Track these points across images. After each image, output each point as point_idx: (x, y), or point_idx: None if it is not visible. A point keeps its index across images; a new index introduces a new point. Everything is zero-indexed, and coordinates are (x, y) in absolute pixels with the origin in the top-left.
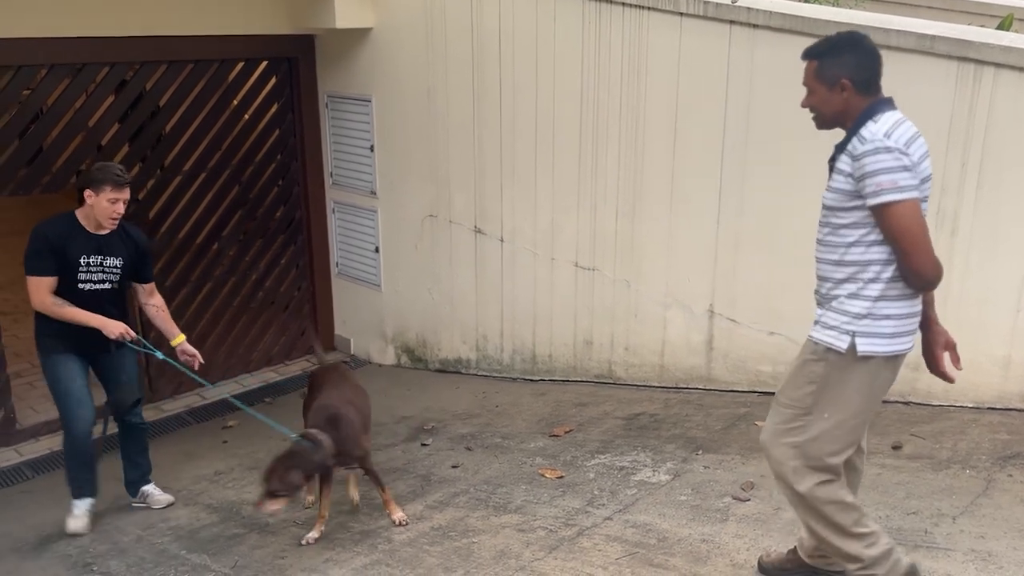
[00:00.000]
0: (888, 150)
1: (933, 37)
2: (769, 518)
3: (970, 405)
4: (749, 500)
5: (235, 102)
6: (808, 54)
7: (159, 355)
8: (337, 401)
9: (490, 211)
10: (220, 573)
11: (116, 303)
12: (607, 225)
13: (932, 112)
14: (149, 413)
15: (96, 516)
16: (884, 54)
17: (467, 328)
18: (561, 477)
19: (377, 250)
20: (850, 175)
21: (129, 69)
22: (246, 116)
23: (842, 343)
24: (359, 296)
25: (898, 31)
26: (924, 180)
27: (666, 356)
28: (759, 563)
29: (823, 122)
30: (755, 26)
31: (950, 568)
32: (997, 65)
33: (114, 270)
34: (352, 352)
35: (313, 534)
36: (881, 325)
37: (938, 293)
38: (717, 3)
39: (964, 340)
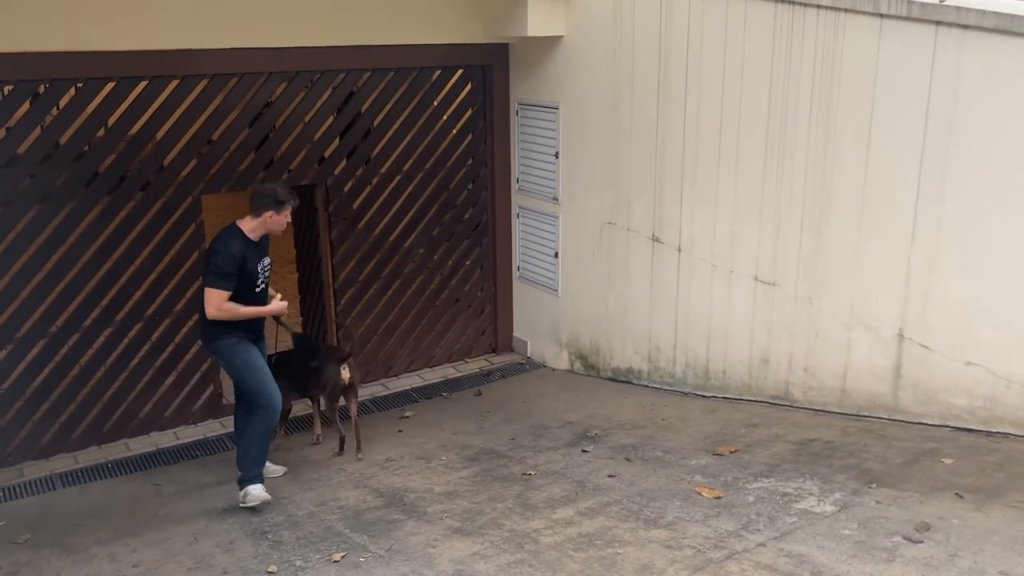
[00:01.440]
0: None
1: None
2: (942, 564)
3: None
4: (922, 543)
5: (432, 108)
6: None
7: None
8: None
9: (668, 220)
10: (376, 554)
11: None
12: (790, 238)
13: None
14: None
15: (276, 488)
16: None
17: (640, 338)
18: (719, 497)
19: (556, 255)
20: None
21: (336, 76)
22: (441, 121)
23: None
24: (537, 300)
25: None
26: None
27: (848, 380)
28: None
29: None
30: (965, 27)
31: None
32: None
33: (268, 268)
34: (528, 355)
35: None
36: None
37: None
38: (923, 3)
39: None
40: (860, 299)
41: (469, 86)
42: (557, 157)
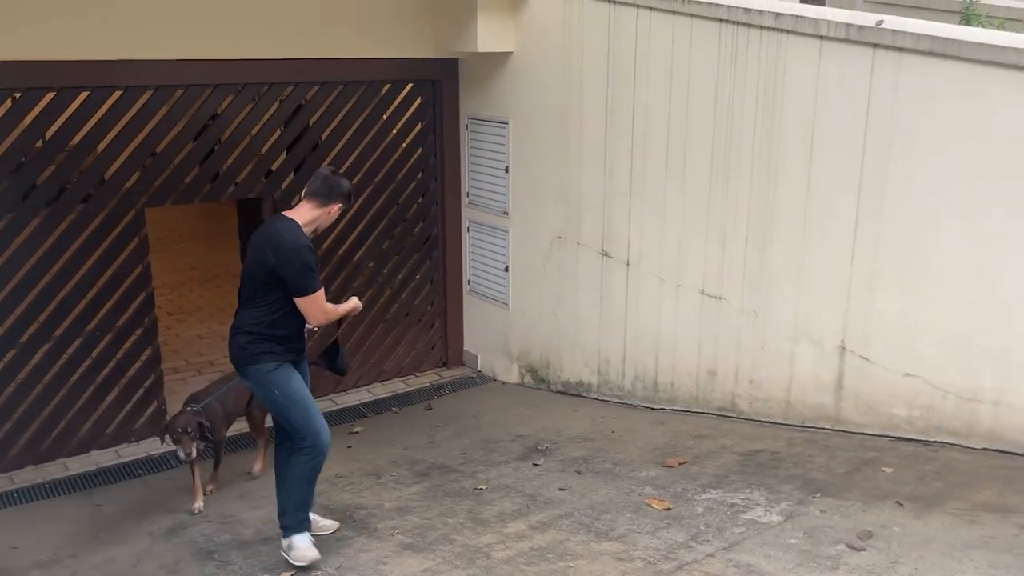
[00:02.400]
0: None
1: None
2: (884, 571)
3: None
4: (864, 550)
5: (381, 122)
6: None
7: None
8: None
9: (617, 235)
10: (326, 572)
11: None
12: (736, 253)
13: None
14: None
15: (222, 505)
16: None
17: (590, 351)
18: (668, 509)
19: (507, 269)
20: None
21: (284, 89)
22: (391, 135)
23: None
24: (488, 313)
25: None
26: None
27: (792, 392)
28: None
29: None
30: (901, 49)
31: None
32: None
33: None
34: (479, 368)
35: None
36: None
37: None
38: (860, 26)
39: None
40: (804, 313)
41: (419, 100)
42: (507, 172)
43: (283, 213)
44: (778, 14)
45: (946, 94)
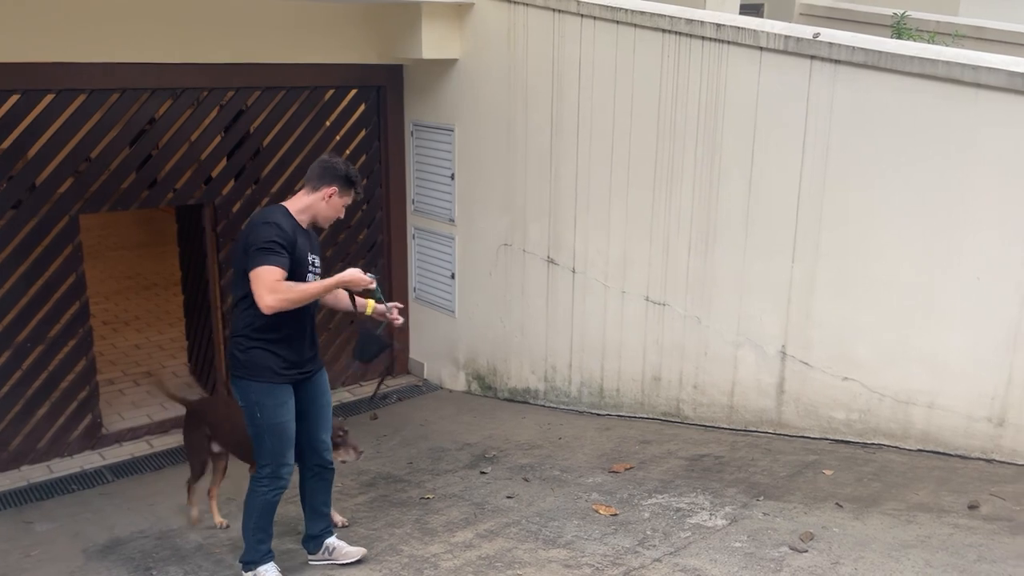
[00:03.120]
0: None
1: None
2: (826, 572)
3: None
4: (806, 552)
5: (324, 128)
6: None
7: (385, 309)
8: None
9: (563, 242)
10: None
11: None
12: (679, 259)
13: None
14: None
15: (161, 520)
16: (973, 92)
17: (536, 358)
18: (615, 515)
19: (453, 276)
20: None
21: (225, 94)
22: (334, 141)
23: None
24: (434, 321)
25: (988, 68)
26: None
27: (736, 397)
28: None
29: None
30: (837, 61)
31: None
32: None
33: (318, 270)
34: (425, 376)
35: None
36: None
37: None
38: (798, 38)
39: None
40: (746, 318)
41: (363, 106)
42: (453, 179)
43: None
44: (719, 25)
45: (880, 105)
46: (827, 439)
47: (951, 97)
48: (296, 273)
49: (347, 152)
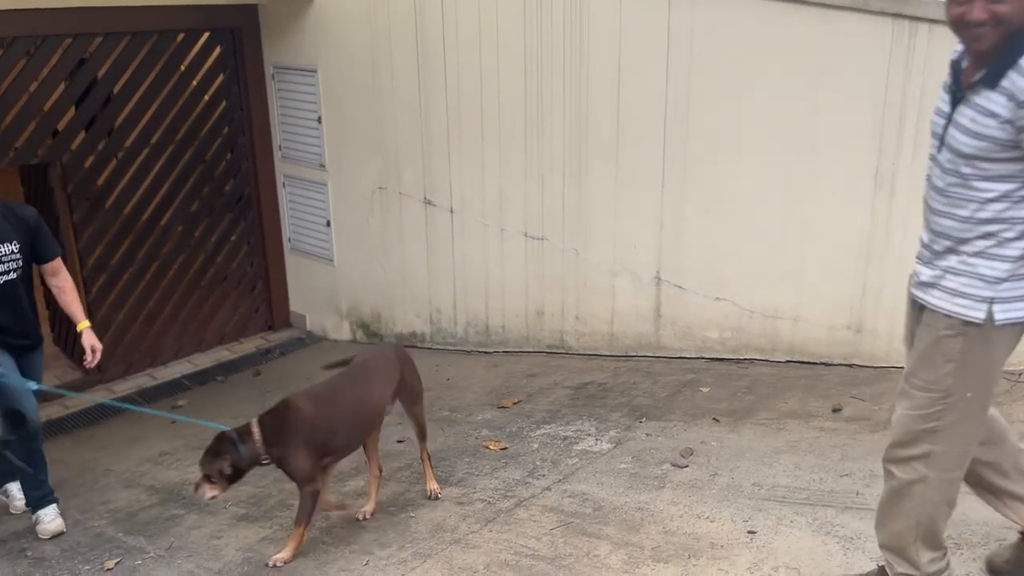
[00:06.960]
0: None
1: None
2: (705, 484)
3: None
4: (687, 467)
5: (178, 74)
6: None
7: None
8: (313, 394)
9: (439, 182)
10: (155, 555)
11: (28, 293)
12: (554, 194)
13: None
14: (100, 394)
15: None
16: (819, 12)
17: (420, 301)
18: (505, 449)
19: (328, 224)
20: (1008, 122)
21: (62, 41)
22: (191, 88)
23: (979, 312)
24: (312, 271)
25: None
26: None
27: (616, 324)
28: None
29: (994, 40)
30: None
31: None
32: (932, 21)
33: (13, 257)
34: (308, 328)
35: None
36: (1021, 288)
37: (876, 252)
38: None
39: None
40: (621, 247)
41: (218, 50)
42: (320, 122)
43: None
44: None
45: (741, 29)
46: (703, 358)
47: (809, 19)
48: None
49: (206, 98)
